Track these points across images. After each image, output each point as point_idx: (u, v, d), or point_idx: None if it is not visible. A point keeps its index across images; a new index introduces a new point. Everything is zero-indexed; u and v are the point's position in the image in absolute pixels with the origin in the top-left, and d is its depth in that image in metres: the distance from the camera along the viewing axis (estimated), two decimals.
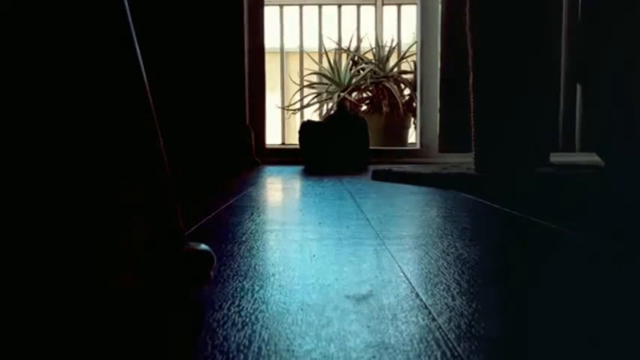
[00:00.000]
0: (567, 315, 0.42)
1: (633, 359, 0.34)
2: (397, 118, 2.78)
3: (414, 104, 2.76)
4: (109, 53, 0.44)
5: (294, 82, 3.23)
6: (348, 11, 3.23)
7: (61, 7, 0.41)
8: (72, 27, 0.42)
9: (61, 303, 0.42)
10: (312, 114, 3.07)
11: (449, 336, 0.36)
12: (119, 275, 0.48)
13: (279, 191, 1.39)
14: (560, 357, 0.34)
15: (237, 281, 0.50)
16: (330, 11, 3.21)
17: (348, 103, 2.81)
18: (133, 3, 0.45)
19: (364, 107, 2.93)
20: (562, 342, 0.36)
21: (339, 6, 3.18)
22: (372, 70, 2.95)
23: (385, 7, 3.24)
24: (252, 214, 0.91)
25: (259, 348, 0.35)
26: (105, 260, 0.48)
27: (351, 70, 3.01)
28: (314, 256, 0.61)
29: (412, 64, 2.94)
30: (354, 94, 2.97)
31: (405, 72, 2.99)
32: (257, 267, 0.55)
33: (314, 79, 3.17)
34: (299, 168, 2.06)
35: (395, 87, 2.82)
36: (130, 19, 0.44)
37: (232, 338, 0.36)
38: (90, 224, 0.44)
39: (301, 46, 3.17)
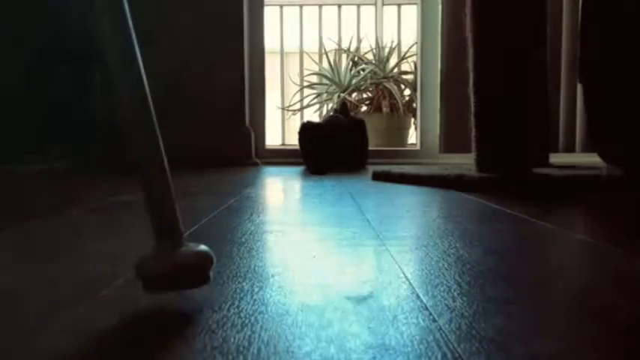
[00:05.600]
0: (568, 315, 0.42)
1: None
2: (397, 119, 2.78)
3: (414, 105, 2.76)
4: (111, 53, 0.44)
5: (294, 83, 3.23)
6: (348, 11, 3.23)
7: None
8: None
9: None
10: (312, 114, 3.07)
11: (449, 337, 0.36)
12: None
13: (278, 192, 1.39)
14: (560, 357, 0.34)
15: (236, 282, 0.49)
16: (330, 11, 3.21)
17: (348, 104, 2.81)
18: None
19: (364, 108, 2.93)
20: (562, 341, 0.36)
21: (339, 6, 3.18)
22: (372, 70, 2.95)
23: (385, 8, 3.24)
24: (251, 214, 0.91)
25: (259, 349, 0.34)
26: None
27: (351, 70, 3.01)
28: (314, 257, 0.61)
29: (412, 64, 2.94)
30: (354, 95, 2.97)
31: (405, 72, 2.99)
32: (256, 268, 0.55)
33: (314, 79, 3.16)
34: (299, 168, 2.06)
35: (395, 87, 2.82)
36: (130, 21, 0.44)
37: (232, 339, 0.36)
38: None
39: (301, 46, 3.17)
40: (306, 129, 2.12)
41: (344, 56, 3.09)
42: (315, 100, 3.09)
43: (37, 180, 1.69)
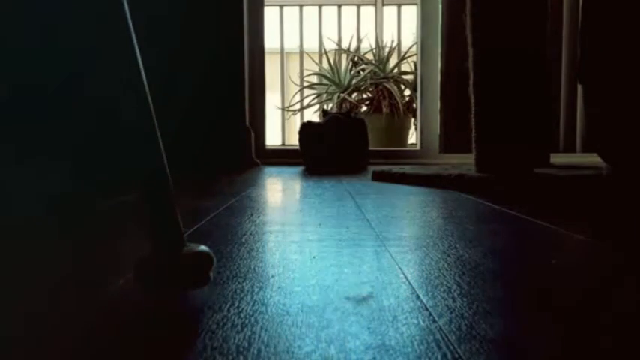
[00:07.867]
0: (568, 315, 0.42)
1: None
2: (397, 119, 2.78)
3: (414, 105, 2.76)
4: (111, 55, 0.44)
5: (294, 83, 3.23)
6: (348, 11, 3.23)
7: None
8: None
9: None
10: (312, 115, 3.07)
11: (449, 337, 0.36)
12: None
13: (278, 192, 1.39)
14: (560, 357, 0.34)
15: (236, 282, 0.49)
16: (330, 11, 3.21)
17: (348, 104, 2.81)
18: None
19: (364, 108, 2.93)
20: (562, 342, 0.36)
21: (339, 6, 3.18)
22: (372, 70, 2.95)
23: (385, 8, 3.24)
24: (251, 215, 0.91)
25: (259, 350, 0.34)
26: None
27: (351, 70, 3.01)
28: (314, 257, 0.61)
29: (412, 64, 2.94)
30: (354, 95, 2.97)
31: (405, 72, 2.99)
32: (256, 268, 0.55)
33: (314, 79, 3.17)
34: (299, 169, 2.06)
35: (395, 88, 2.82)
36: (131, 23, 0.44)
37: (232, 340, 0.36)
38: None
39: (301, 46, 3.17)
40: (306, 129, 2.12)
41: (344, 56, 3.09)
42: (315, 101, 3.09)
43: (35, 180, 1.69)
